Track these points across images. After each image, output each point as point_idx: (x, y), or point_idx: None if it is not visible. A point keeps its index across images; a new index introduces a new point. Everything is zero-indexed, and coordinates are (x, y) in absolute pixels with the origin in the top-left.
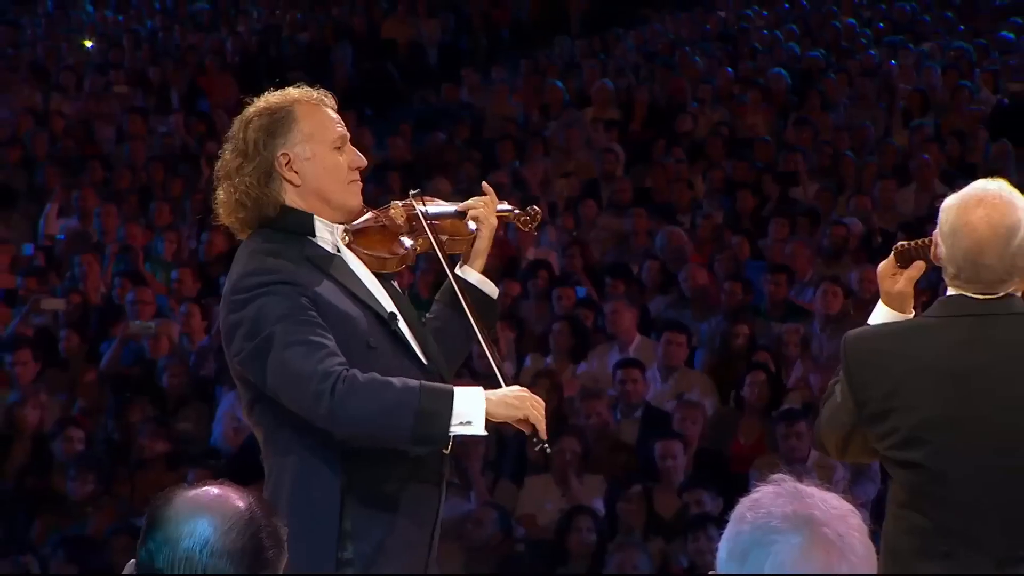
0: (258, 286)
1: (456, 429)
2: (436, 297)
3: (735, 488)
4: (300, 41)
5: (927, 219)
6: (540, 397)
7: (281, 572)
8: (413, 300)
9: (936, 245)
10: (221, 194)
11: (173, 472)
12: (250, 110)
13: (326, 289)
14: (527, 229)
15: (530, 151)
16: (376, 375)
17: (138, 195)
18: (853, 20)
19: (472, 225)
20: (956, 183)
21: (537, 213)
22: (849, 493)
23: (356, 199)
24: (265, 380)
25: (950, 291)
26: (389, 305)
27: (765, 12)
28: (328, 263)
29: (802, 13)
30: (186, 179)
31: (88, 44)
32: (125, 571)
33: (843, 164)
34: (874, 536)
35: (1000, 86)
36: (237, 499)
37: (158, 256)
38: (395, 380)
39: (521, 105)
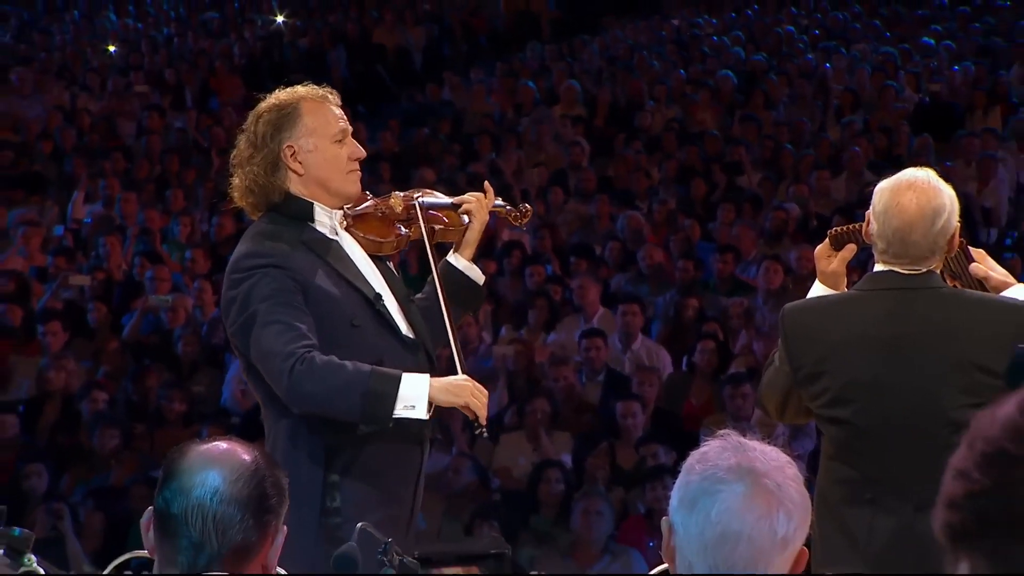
0: (252, 268)
1: (400, 412)
2: (428, 279)
3: (687, 443)
4: (300, 46)
5: (858, 204)
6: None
7: (283, 522)
8: (404, 277)
9: (868, 223)
10: (235, 179)
11: (187, 429)
12: (262, 105)
13: (316, 271)
14: (517, 224)
15: (505, 144)
16: (334, 359)
17: (156, 183)
18: (792, 27)
19: (465, 218)
20: (883, 172)
21: (528, 211)
22: (788, 447)
23: (355, 187)
24: (248, 352)
25: (878, 267)
26: (378, 285)
27: (714, 20)
28: (323, 247)
29: (747, 21)
30: (198, 169)
31: (111, 49)
32: (144, 517)
33: (783, 156)
34: (809, 485)
35: (922, 86)
36: (244, 452)
37: (174, 238)
38: (349, 364)
39: (497, 103)
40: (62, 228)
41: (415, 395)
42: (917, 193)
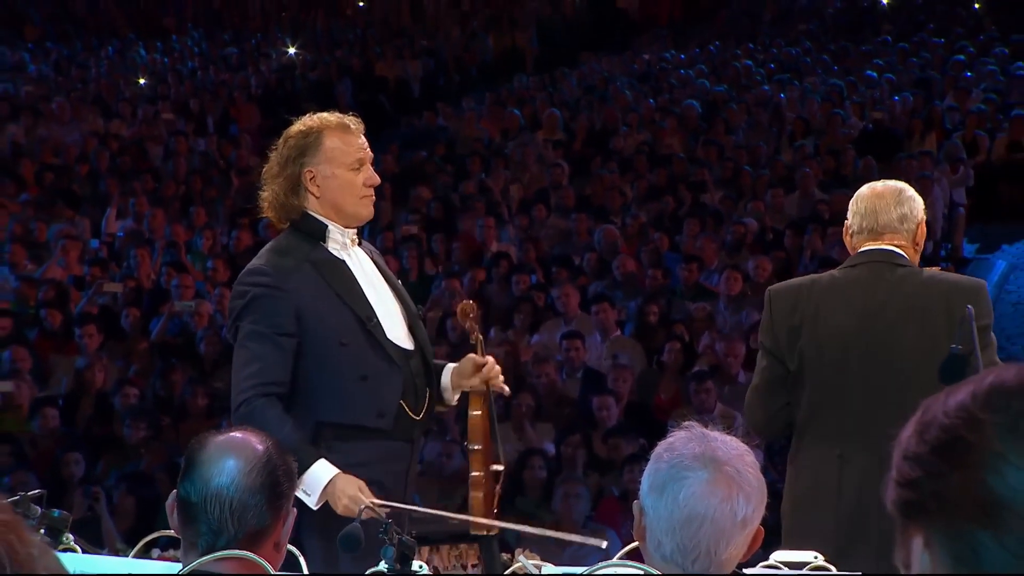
0: (253, 284)
1: (299, 492)
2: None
3: (657, 433)
4: (310, 78)
5: (809, 219)
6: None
7: (292, 507)
8: (404, 283)
9: (846, 232)
10: (265, 192)
11: (209, 421)
12: (292, 128)
13: (314, 292)
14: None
15: (493, 165)
16: (274, 415)
17: (181, 201)
18: (750, 61)
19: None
20: (831, 191)
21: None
22: (748, 437)
23: (367, 210)
24: (232, 368)
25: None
26: (378, 304)
27: (680, 55)
28: (329, 267)
29: (709, 56)
30: (219, 188)
31: (141, 81)
32: (168, 500)
33: (742, 176)
34: (765, 472)
35: (866, 114)
36: (258, 443)
37: (197, 249)
38: (286, 428)
39: (486, 129)
40: (97, 241)
41: (312, 486)
42: (884, 183)
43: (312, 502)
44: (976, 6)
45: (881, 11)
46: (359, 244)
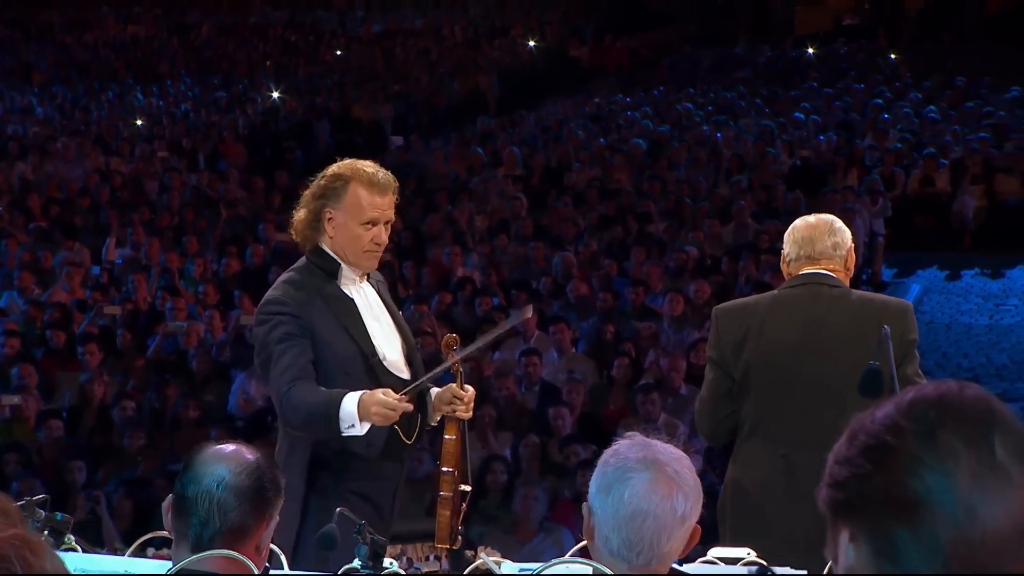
0: (273, 313)
1: (346, 431)
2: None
3: (607, 441)
4: (292, 119)
5: (744, 247)
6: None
7: (276, 515)
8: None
9: (783, 261)
10: (297, 213)
11: (200, 431)
12: (331, 168)
13: (324, 324)
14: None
15: (459, 199)
16: (306, 389)
17: (174, 231)
18: (690, 104)
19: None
20: (764, 222)
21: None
22: (689, 443)
23: (369, 264)
24: (267, 381)
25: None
26: (381, 340)
27: (628, 99)
28: (339, 303)
29: (654, 100)
30: (209, 219)
31: (138, 122)
32: (165, 502)
33: (683, 208)
34: (703, 475)
35: (794, 152)
36: (248, 453)
37: (189, 275)
38: (316, 395)
39: (452, 166)
40: (98, 268)
41: (350, 419)
42: (817, 215)
43: (360, 430)
44: (892, 56)
45: (808, 60)
46: (368, 277)
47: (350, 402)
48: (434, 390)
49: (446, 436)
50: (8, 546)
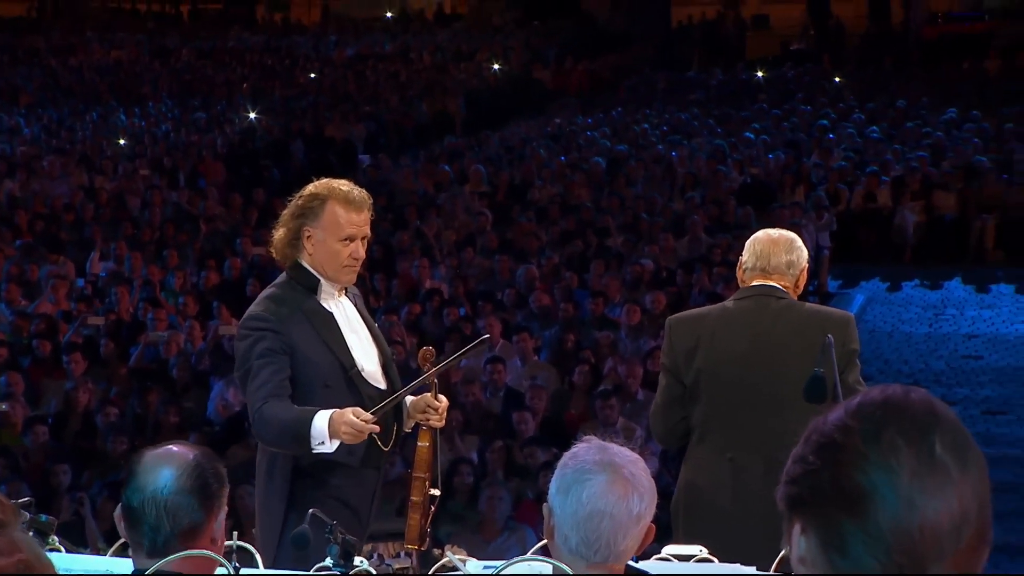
0: (255, 328)
1: (316, 448)
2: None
3: (568, 444)
4: (268, 139)
5: (697, 260)
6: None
7: (224, 505)
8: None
9: (740, 268)
10: (276, 232)
11: (180, 435)
12: (308, 187)
13: (305, 338)
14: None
15: (427, 214)
16: (278, 407)
17: (155, 245)
18: (647, 124)
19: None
20: (716, 236)
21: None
22: (646, 447)
23: (347, 278)
24: (245, 396)
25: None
26: (359, 351)
27: (588, 120)
28: (319, 318)
29: (612, 120)
30: (189, 234)
31: (121, 141)
32: (116, 512)
33: (640, 223)
34: (659, 477)
35: (745, 170)
36: (188, 453)
37: (170, 287)
38: (287, 414)
39: (421, 182)
40: (82, 280)
41: (321, 436)
42: (780, 231)
43: (329, 448)
44: (837, 80)
45: (757, 83)
46: (345, 291)
47: (321, 420)
48: (409, 398)
49: (419, 443)
50: (13, 570)
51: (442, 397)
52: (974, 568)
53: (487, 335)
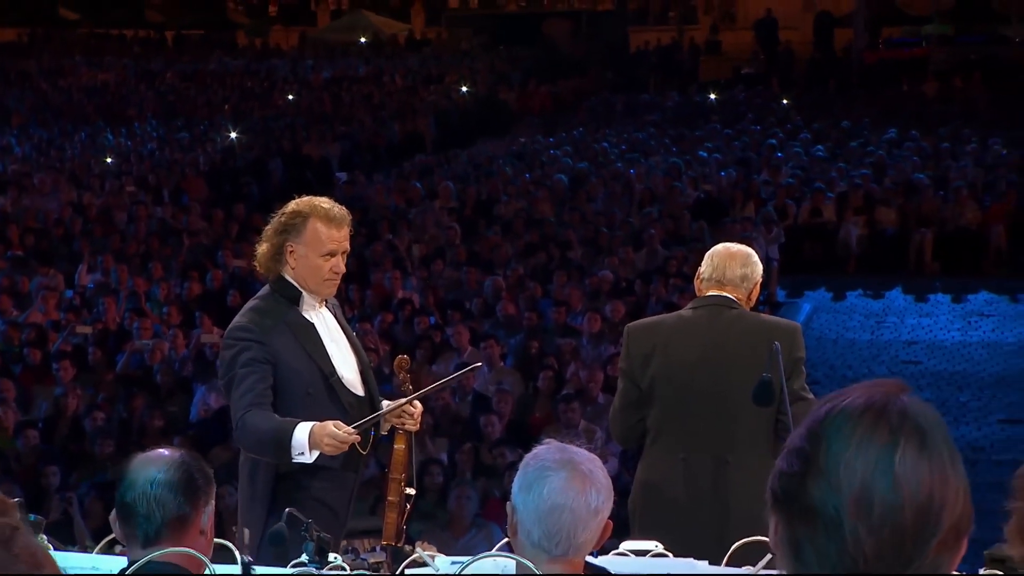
0: (239, 339)
1: (296, 458)
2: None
3: (532, 446)
4: (248, 157)
5: (654, 271)
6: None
7: (211, 499)
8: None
9: (698, 279)
10: (260, 247)
11: (164, 438)
12: (290, 205)
13: (287, 348)
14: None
15: (399, 228)
16: (259, 416)
17: (141, 258)
18: (606, 143)
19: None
20: (672, 248)
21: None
22: (606, 447)
23: (328, 291)
24: (229, 403)
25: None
26: (339, 360)
27: (551, 139)
28: (301, 329)
29: (574, 139)
30: (173, 248)
31: (108, 160)
32: (112, 515)
33: (600, 236)
34: (618, 475)
35: (698, 186)
36: (175, 453)
37: (155, 298)
38: (267, 422)
39: (393, 198)
40: (71, 291)
41: (301, 447)
42: (739, 246)
43: (309, 458)
44: (785, 102)
45: (710, 105)
46: (325, 303)
47: (302, 432)
48: (386, 403)
49: (396, 446)
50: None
51: (417, 403)
52: (946, 569)
53: (479, 363)
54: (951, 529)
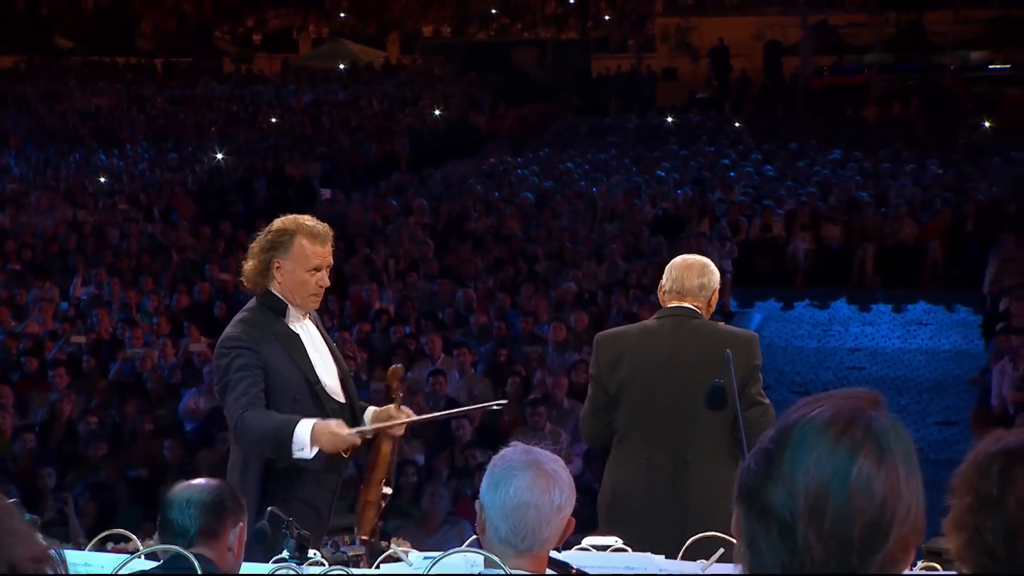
0: (232, 347)
1: (296, 454)
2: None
3: (502, 447)
4: (234, 176)
5: (615, 283)
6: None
7: (239, 522)
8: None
9: (661, 290)
10: (247, 264)
11: (154, 442)
12: (276, 222)
13: (276, 357)
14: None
15: (376, 243)
16: (257, 415)
17: (132, 272)
18: (571, 163)
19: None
20: (632, 262)
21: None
22: (571, 449)
23: (313, 304)
24: (224, 406)
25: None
26: (322, 369)
27: (519, 159)
28: (288, 339)
29: (540, 160)
30: (162, 262)
31: (102, 179)
32: (155, 536)
33: (565, 251)
34: (582, 474)
35: (657, 204)
36: (211, 481)
37: (145, 309)
38: (267, 420)
39: (370, 215)
40: (66, 303)
41: (302, 443)
42: (695, 256)
43: (308, 455)
44: (737, 125)
45: (667, 127)
46: (308, 315)
47: (303, 429)
48: (372, 409)
49: (382, 449)
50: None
51: (405, 408)
52: (899, 568)
53: (505, 400)
54: (899, 542)
